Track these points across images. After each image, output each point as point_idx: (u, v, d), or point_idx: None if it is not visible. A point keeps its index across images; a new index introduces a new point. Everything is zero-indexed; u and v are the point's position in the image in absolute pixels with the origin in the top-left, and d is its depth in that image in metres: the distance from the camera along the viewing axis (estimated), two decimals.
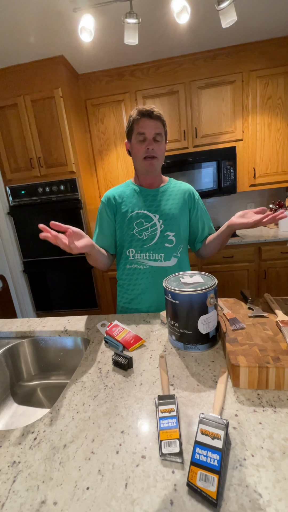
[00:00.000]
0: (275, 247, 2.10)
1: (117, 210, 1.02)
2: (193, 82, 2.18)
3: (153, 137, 0.92)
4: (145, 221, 1.00)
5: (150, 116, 0.90)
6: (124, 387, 0.61)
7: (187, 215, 1.05)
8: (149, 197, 1.01)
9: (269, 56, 2.11)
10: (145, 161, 0.95)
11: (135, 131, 0.93)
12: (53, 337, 0.93)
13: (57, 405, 0.58)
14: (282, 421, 0.47)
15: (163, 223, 1.00)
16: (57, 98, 2.03)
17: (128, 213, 1.00)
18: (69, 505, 0.39)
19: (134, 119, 0.92)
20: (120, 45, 1.91)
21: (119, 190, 1.05)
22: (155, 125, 0.91)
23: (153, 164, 0.95)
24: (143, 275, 1.03)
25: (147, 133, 0.91)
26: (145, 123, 0.91)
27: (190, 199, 1.05)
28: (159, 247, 1.00)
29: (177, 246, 1.02)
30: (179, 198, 1.03)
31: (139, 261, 1.02)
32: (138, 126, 0.92)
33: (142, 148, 0.93)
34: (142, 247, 1.01)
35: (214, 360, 0.66)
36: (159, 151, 0.94)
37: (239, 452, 0.43)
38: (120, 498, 0.39)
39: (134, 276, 1.04)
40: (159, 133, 0.92)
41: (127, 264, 1.05)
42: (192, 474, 0.39)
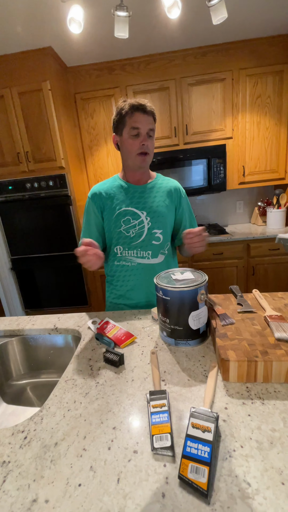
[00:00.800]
0: (263, 244, 2.15)
1: (104, 207, 1.01)
2: (184, 79, 2.18)
3: (147, 132, 0.90)
4: (133, 218, 0.99)
5: (144, 111, 0.87)
6: (115, 383, 0.61)
7: (174, 212, 1.05)
8: (137, 194, 1.00)
9: (259, 55, 2.13)
10: (139, 157, 0.93)
11: (127, 125, 0.89)
12: (42, 335, 0.92)
13: (48, 403, 0.58)
14: (270, 412, 0.49)
15: (151, 220, 0.99)
16: (45, 91, 1.98)
17: (115, 210, 0.99)
18: (61, 503, 0.39)
19: (127, 112, 0.88)
20: (110, 38, 1.88)
21: (106, 185, 1.03)
22: (149, 120, 0.89)
23: (146, 161, 0.94)
24: (131, 272, 1.03)
25: (141, 128, 0.89)
26: (139, 117, 0.88)
27: (177, 196, 1.05)
28: (147, 244, 1.00)
29: (164, 243, 1.02)
30: (166, 195, 1.03)
31: (127, 258, 1.02)
32: (132, 120, 0.88)
33: (136, 144, 0.91)
34: (129, 244, 1.00)
35: (204, 355, 0.67)
36: (151, 147, 0.94)
37: (229, 443, 0.44)
38: (112, 493, 0.39)
39: (122, 273, 1.04)
40: (152, 128, 0.91)
41: (115, 261, 1.04)
42: (184, 466, 0.39)
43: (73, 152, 2.28)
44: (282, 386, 0.54)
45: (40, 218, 2.23)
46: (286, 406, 0.50)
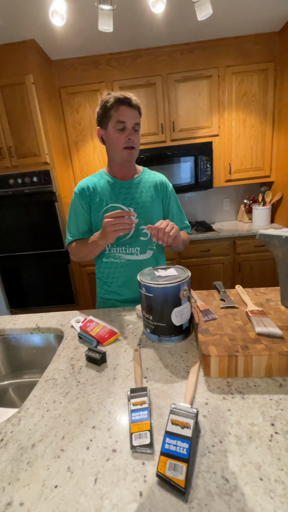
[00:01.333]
0: (248, 241, 2.18)
1: (91, 202, 0.99)
2: (170, 75, 2.16)
3: (133, 127, 0.89)
4: None
5: (129, 104, 0.86)
6: (97, 382, 0.60)
7: (161, 206, 1.05)
8: (123, 190, 0.99)
9: (244, 52, 2.15)
10: (125, 151, 0.91)
11: (113, 119, 0.87)
12: (24, 335, 0.90)
13: (27, 404, 0.56)
14: (250, 406, 0.49)
15: (138, 216, 0.98)
16: (29, 85, 1.92)
17: (102, 207, 0.98)
18: (36, 505, 0.37)
19: (112, 105, 0.86)
20: (95, 32, 1.84)
21: (93, 181, 1.01)
22: (134, 114, 0.88)
23: (133, 155, 0.93)
24: (120, 268, 1.02)
25: (127, 122, 0.87)
26: (125, 111, 0.86)
27: (163, 191, 1.04)
28: (135, 241, 1.00)
29: (151, 239, 1.02)
30: (152, 190, 1.02)
31: (115, 255, 1.01)
32: (118, 114, 0.86)
33: (122, 138, 0.89)
34: (118, 241, 0.99)
35: (187, 351, 0.67)
36: (137, 141, 0.92)
37: (208, 439, 0.44)
38: (89, 493, 0.38)
39: (112, 270, 1.03)
40: (138, 123, 0.90)
41: (104, 258, 1.03)
42: (162, 464, 0.39)
43: (58, 147, 2.23)
44: (262, 380, 0.55)
45: (25, 215, 2.17)
46: (265, 400, 0.50)
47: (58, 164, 2.17)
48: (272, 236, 0.64)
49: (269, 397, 0.51)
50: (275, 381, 0.54)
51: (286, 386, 0.53)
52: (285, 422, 0.45)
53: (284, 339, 0.57)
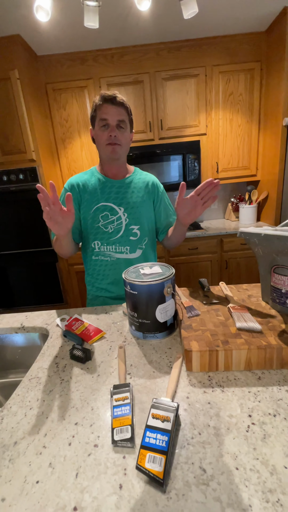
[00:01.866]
0: (235, 239, 2.21)
1: (81, 200, 0.99)
2: (158, 73, 2.17)
3: (116, 124, 0.89)
4: (111, 214, 0.98)
5: (112, 102, 0.87)
6: (80, 379, 0.60)
7: (152, 207, 1.06)
8: (114, 189, 0.99)
9: (231, 52, 2.17)
10: (108, 147, 0.91)
11: (98, 117, 0.89)
12: (9, 334, 0.89)
13: (9, 402, 0.56)
14: (229, 399, 0.50)
15: (128, 216, 0.99)
16: (14, 80, 1.88)
17: (93, 205, 0.98)
18: (17, 500, 0.38)
19: (97, 104, 0.88)
20: (81, 28, 1.82)
21: (84, 178, 1.00)
22: (118, 111, 0.88)
23: (116, 151, 0.92)
24: (110, 266, 1.02)
25: (109, 119, 0.88)
26: (107, 109, 0.87)
27: (154, 191, 1.05)
28: (125, 240, 1.00)
29: (141, 238, 1.03)
30: (143, 190, 1.02)
31: (105, 253, 1.01)
32: (101, 112, 0.88)
33: (104, 135, 0.90)
34: (108, 239, 1.00)
35: (171, 347, 0.68)
36: (123, 139, 0.92)
37: (188, 431, 0.45)
38: (70, 488, 0.39)
39: (102, 268, 1.03)
40: (122, 120, 0.90)
41: (93, 256, 1.03)
42: (141, 457, 0.40)
43: (45, 144, 2.20)
44: (242, 374, 0.56)
45: (11, 213, 2.13)
46: (244, 392, 0.52)
47: (45, 161, 2.14)
48: (251, 234, 0.66)
49: (247, 389, 0.52)
50: (254, 374, 0.56)
51: (264, 378, 0.55)
52: (261, 413, 0.47)
53: (263, 333, 0.59)
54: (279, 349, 0.55)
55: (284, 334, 0.59)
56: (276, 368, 0.57)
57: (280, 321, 0.64)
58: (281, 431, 0.43)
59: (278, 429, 0.44)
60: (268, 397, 0.50)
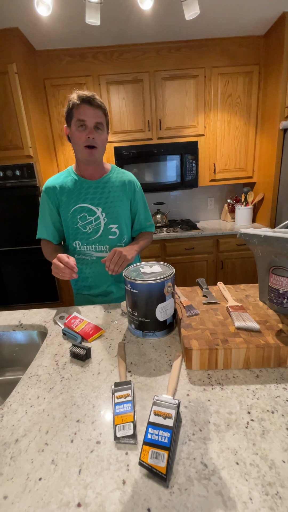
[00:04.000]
0: (231, 240, 2.24)
1: (59, 202, 0.99)
2: (158, 72, 2.17)
3: (94, 125, 0.88)
4: (89, 214, 0.99)
5: (90, 103, 0.85)
6: (81, 377, 0.61)
7: (128, 205, 1.06)
8: (91, 190, 0.99)
9: (230, 54, 2.19)
10: (86, 150, 0.90)
11: (75, 117, 0.87)
12: (6, 332, 0.88)
13: (9, 400, 0.56)
14: (228, 396, 0.52)
15: (106, 216, 1.00)
16: (11, 74, 1.86)
17: (71, 207, 0.98)
18: (20, 497, 0.38)
19: (74, 104, 0.86)
20: (82, 24, 1.80)
21: (60, 180, 1.00)
22: (96, 113, 0.87)
23: (94, 154, 0.92)
24: (91, 265, 1.05)
25: (87, 120, 0.86)
26: (85, 110, 0.86)
27: (131, 190, 1.05)
28: (104, 239, 1.02)
29: (120, 237, 1.05)
30: (120, 189, 1.02)
31: (85, 253, 1.04)
32: (78, 112, 0.86)
33: (82, 136, 0.88)
34: (87, 240, 1.02)
35: (170, 346, 0.69)
36: (99, 141, 0.91)
37: (189, 428, 0.46)
38: (73, 484, 0.39)
39: (83, 266, 1.06)
40: (100, 122, 0.89)
41: (75, 255, 1.05)
42: (144, 453, 0.40)
43: (42, 140, 2.18)
44: (240, 372, 0.58)
45: (7, 209, 2.11)
46: (243, 390, 0.53)
47: (42, 157, 2.12)
48: (251, 235, 0.67)
49: (246, 387, 0.54)
50: (252, 372, 0.57)
51: (262, 377, 0.56)
52: (260, 410, 0.48)
53: (261, 332, 0.61)
54: (276, 348, 0.56)
55: (281, 334, 0.60)
56: (274, 366, 0.58)
57: (278, 321, 0.65)
58: (279, 427, 0.45)
59: (276, 425, 0.45)
60: (266, 395, 0.51)
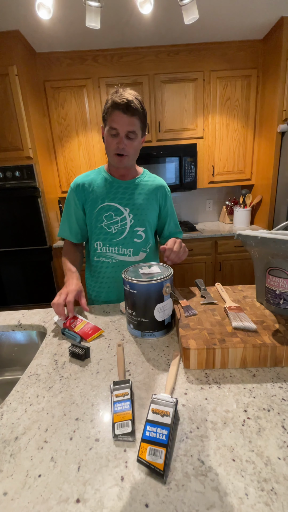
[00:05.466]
0: (229, 241, 2.25)
1: (86, 199, 0.97)
2: (157, 76, 2.19)
3: (125, 134, 0.85)
4: (115, 214, 0.96)
5: (123, 111, 0.80)
6: (80, 376, 0.61)
7: (157, 210, 1.03)
8: (121, 189, 0.97)
9: (229, 58, 2.21)
10: (115, 157, 0.89)
11: (108, 123, 0.85)
12: (6, 332, 0.89)
13: (9, 399, 0.56)
14: (225, 395, 0.52)
15: (133, 217, 0.97)
16: (12, 76, 1.87)
17: (98, 204, 0.96)
18: (20, 494, 0.38)
19: (108, 108, 0.83)
20: (83, 28, 1.82)
21: (90, 177, 0.98)
22: (130, 121, 0.82)
23: (123, 162, 0.90)
24: (111, 269, 1.00)
25: (119, 129, 0.83)
26: (118, 117, 0.82)
27: (162, 196, 1.03)
28: (128, 242, 0.98)
29: (146, 241, 1.01)
30: (151, 193, 1.00)
31: (107, 255, 0.99)
32: (112, 119, 0.83)
33: (113, 144, 0.86)
34: (111, 241, 0.98)
35: (168, 345, 0.69)
36: (130, 149, 0.88)
37: (186, 426, 0.47)
38: (72, 481, 0.39)
39: (103, 270, 1.01)
40: (132, 131, 0.84)
41: (95, 257, 1.01)
42: (142, 450, 0.41)
43: (42, 142, 2.19)
44: (237, 371, 0.58)
45: (6, 210, 2.12)
46: (239, 389, 0.54)
47: (41, 159, 2.13)
48: (248, 237, 0.68)
49: (243, 386, 0.54)
50: (249, 372, 0.58)
51: (259, 376, 0.57)
52: (256, 408, 0.49)
53: (258, 332, 0.61)
54: (273, 347, 0.57)
55: (277, 334, 0.61)
56: (270, 366, 0.59)
57: (274, 321, 0.66)
58: (275, 425, 0.45)
59: (272, 423, 0.46)
60: (263, 393, 0.52)
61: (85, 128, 2.26)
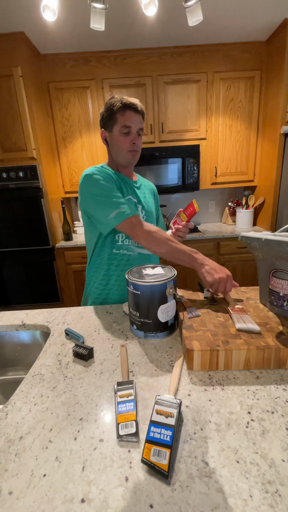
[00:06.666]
0: (232, 243, 2.25)
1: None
2: (160, 77, 2.19)
3: (137, 131, 0.92)
4: (136, 207, 1.01)
5: (135, 110, 0.89)
6: (84, 376, 0.61)
7: (155, 211, 1.14)
8: (131, 187, 1.02)
9: (232, 59, 2.21)
10: (129, 154, 0.94)
11: (119, 123, 0.90)
12: (9, 332, 0.89)
13: (13, 398, 0.57)
14: (228, 397, 0.52)
15: (145, 214, 1.03)
16: (16, 77, 1.89)
17: (124, 195, 0.98)
18: (25, 493, 0.39)
19: (118, 109, 0.88)
20: (87, 29, 1.83)
21: (105, 171, 0.93)
22: (139, 119, 0.92)
23: (136, 157, 0.97)
24: (132, 261, 1.00)
25: (133, 127, 0.90)
26: (131, 116, 0.89)
27: (156, 197, 1.16)
28: None
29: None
30: (151, 193, 1.11)
31: (128, 247, 0.99)
32: (124, 118, 0.89)
33: (127, 142, 0.92)
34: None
35: (172, 346, 0.70)
36: (140, 145, 0.96)
37: (190, 427, 0.47)
38: (77, 480, 0.40)
39: (122, 262, 1.00)
40: (141, 128, 0.94)
41: (114, 249, 0.99)
42: (147, 451, 0.41)
43: (46, 143, 2.20)
44: (241, 373, 0.58)
45: (9, 210, 2.13)
46: (243, 390, 0.54)
47: (45, 159, 2.14)
48: (252, 238, 0.68)
49: (246, 388, 0.54)
50: (252, 374, 0.58)
51: (263, 378, 0.57)
52: (260, 410, 0.49)
53: (262, 334, 0.61)
54: (276, 349, 0.57)
55: (281, 336, 0.61)
56: (274, 368, 0.59)
57: (278, 323, 0.66)
58: (279, 427, 0.46)
59: (276, 425, 0.46)
60: (266, 395, 0.52)
61: (88, 129, 2.27)
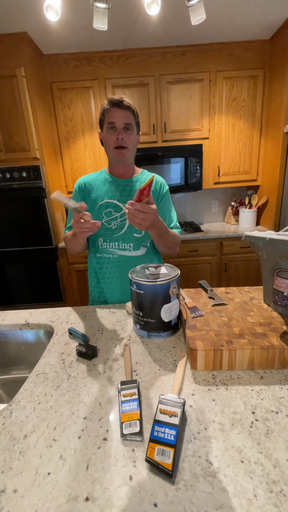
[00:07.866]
0: (235, 242, 2.24)
1: (85, 197, 1.02)
2: (163, 76, 2.19)
3: (123, 127, 0.92)
4: (114, 210, 1.00)
5: (119, 106, 0.90)
6: (87, 376, 0.62)
7: (156, 205, 1.05)
8: (120, 187, 1.02)
9: (235, 58, 2.20)
10: (116, 151, 0.95)
11: (106, 120, 0.93)
12: (13, 331, 0.90)
13: (18, 397, 0.57)
14: (232, 396, 0.52)
15: None
16: (19, 78, 1.89)
17: (97, 202, 1.01)
18: (29, 491, 0.39)
19: (105, 108, 0.92)
20: (90, 29, 1.83)
21: (91, 177, 1.05)
22: (125, 114, 0.91)
23: (123, 154, 0.96)
24: (113, 264, 1.03)
25: (116, 122, 0.91)
26: (115, 112, 0.91)
27: (159, 189, 1.06)
28: (128, 237, 1.01)
29: (146, 235, 1.04)
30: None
31: (108, 250, 1.03)
32: (109, 115, 0.92)
33: (112, 138, 0.93)
34: (111, 236, 1.01)
35: (175, 346, 0.70)
36: (129, 142, 0.95)
37: (194, 426, 0.47)
38: (81, 479, 0.40)
39: (104, 265, 1.04)
40: (128, 123, 0.93)
41: (97, 253, 1.05)
42: (151, 450, 0.41)
43: (49, 143, 2.21)
44: (245, 373, 0.58)
45: (13, 210, 2.14)
46: (247, 390, 0.54)
47: (48, 160, 2.15)
48: (256, 238, 0.68)
49: (250, 388, 0.54)
50: (256, 374, 0.58)
51: (267, 378, 0.57)
52: (264, 410, 0.49)
53: (266, 334, 0.61)
54: (281, 349, 0.57)
55: (285, 336, 0.61)
56: (278, 368, 0.59)
57: (282, 323, 0.66)
58: (283, 427, 0.45)
59: (280, 425, 0.46)
60: (271, 395, 0.52)
61: (91, 129, 2.27)
